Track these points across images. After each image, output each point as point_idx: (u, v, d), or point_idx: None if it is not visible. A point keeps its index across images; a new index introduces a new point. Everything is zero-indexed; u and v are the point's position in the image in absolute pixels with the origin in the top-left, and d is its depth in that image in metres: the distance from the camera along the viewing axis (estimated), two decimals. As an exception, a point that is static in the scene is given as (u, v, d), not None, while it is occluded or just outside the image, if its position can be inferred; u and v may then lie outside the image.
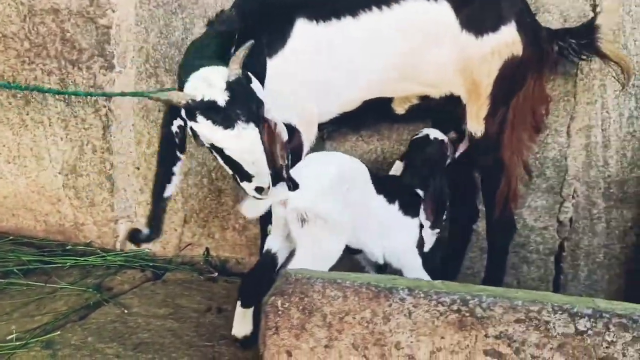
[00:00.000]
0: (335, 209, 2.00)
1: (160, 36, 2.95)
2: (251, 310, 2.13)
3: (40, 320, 2.36)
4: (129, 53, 3.02)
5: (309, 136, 2.34)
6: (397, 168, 2.46)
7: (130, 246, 3.18)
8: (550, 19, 2.52)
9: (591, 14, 2.52)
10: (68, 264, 2.96)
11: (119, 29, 3.00)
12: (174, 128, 1.91)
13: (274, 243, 2.10)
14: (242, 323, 2.14)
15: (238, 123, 1.77)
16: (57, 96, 3.13)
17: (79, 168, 3.20)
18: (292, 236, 2.02)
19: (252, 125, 1.79)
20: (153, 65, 2.98)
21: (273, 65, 2.21)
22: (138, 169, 3.12)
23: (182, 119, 1.88)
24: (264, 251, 2.13)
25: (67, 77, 3.10)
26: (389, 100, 2.40)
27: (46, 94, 3.13)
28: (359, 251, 2.28)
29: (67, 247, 3.18)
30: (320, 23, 2.24)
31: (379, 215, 2.23)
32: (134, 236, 2.04)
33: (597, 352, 1.37)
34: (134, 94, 2.83)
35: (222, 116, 1.76)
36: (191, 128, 1.83)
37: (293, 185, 1.92)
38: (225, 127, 1.77)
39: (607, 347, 1.36)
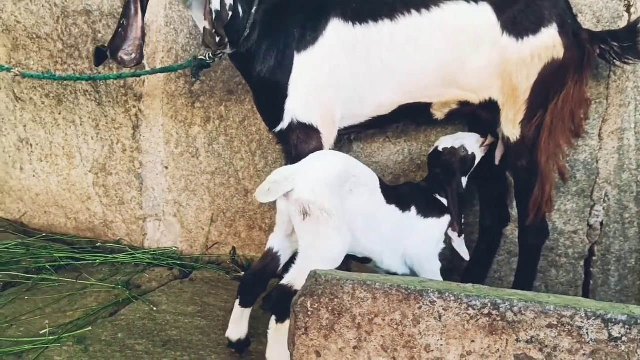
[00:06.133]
0: (339, 206, 1.90)
1: (189, 37, 2.98)
2: (249, 311, 2.09)
3: (72, 315, 2.41)
4: (159, 54, 3.06)
5: (329, 139, 2.32)
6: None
7: (158, 244, 3.24)
8: (582, 20, 2.47)
9: (625, 15, 2.47)
10: (98, 261, 3.02)
11: (148, 29, 3.03)
12: None
13: (276, 241, 2.04)
14: (238, 324, 2.09)
15: None
16: (88, 97, 3.19)
17: (108, 167, 3.26)
18: (295, 232, 1.92)
19: None
20: (182, 66, 3.01)
21: (301, 60, 2.21)
22: (167, 168, 3.16)
23: None
24: (265, 249, 2.07)
25: (98, 78, 3.15)
26: (427, 105, 2.36)
27: (78, 94, 3.20)
28: (368, 260, 2.20)
29: (97, 245, 3.26)
30: (357, 25, 2.23)
31: (391, 225, 2.17)
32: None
33: (631, 359, 1.35)
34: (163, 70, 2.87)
35: None
36: None
37: None
38: None
39: (642, 355, 1.34)
